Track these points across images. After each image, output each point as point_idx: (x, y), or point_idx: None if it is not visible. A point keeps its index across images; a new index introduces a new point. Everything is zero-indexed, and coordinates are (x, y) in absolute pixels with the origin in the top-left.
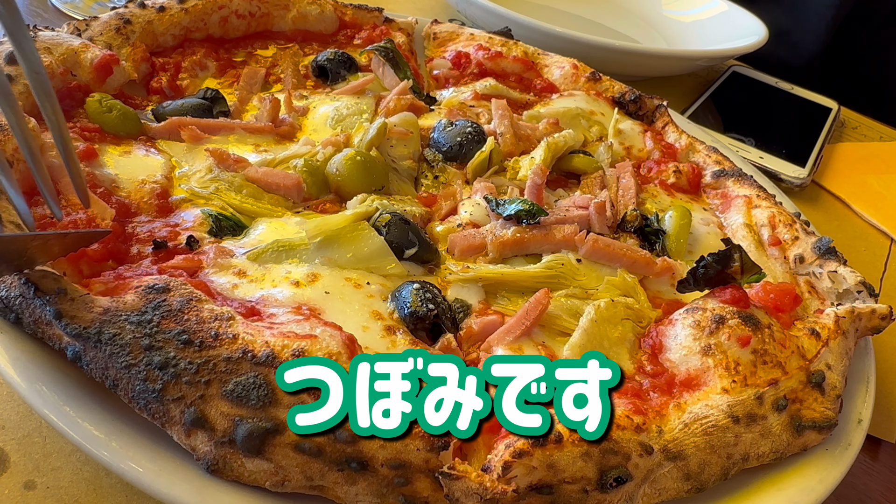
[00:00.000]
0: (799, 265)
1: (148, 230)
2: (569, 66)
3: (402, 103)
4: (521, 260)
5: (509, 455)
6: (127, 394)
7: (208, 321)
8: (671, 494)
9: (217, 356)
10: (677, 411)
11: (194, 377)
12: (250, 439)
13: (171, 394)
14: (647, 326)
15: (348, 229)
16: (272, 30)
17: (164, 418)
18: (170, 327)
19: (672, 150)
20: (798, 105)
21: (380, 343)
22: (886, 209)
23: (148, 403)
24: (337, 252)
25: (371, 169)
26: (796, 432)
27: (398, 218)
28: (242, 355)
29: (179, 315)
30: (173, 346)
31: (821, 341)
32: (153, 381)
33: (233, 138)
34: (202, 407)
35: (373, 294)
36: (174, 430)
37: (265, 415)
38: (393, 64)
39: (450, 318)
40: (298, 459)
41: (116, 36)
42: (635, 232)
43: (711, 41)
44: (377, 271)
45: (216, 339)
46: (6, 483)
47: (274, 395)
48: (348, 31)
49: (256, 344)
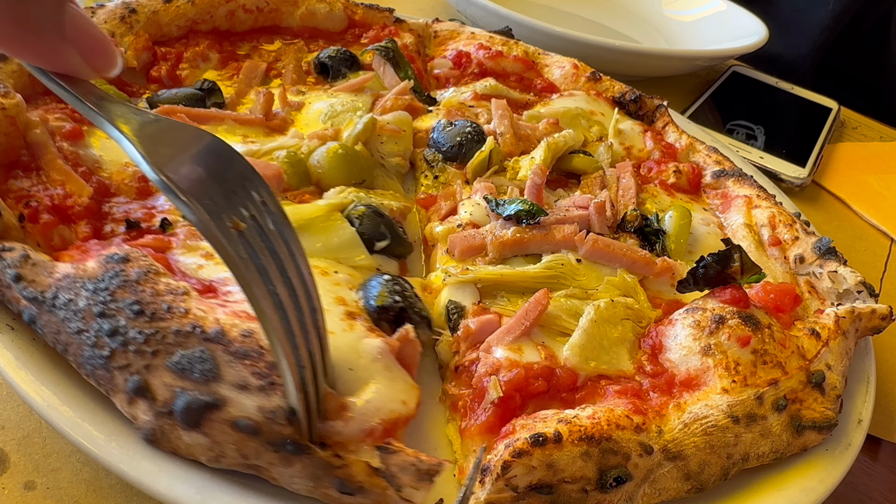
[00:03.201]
0: (799, 265)
1: (124, 210)
2: (569, 66)
3: (399, 103)
4: (520, 260)
5: (509, 455)
6: (76, 359)
7: (163, 294)
8: (671, 494)
9: (167, 328)
10: (677, 411)
11: (142, 346)
12: (188, 411)
13: (117, 361)
14: (647, 326)
15: (321, 219)
16: (280, 25)
17: (108, 385)
18: (124, 297)
19: (672, 150)
20: (798, 105)
21: (337, 325)
22: (886, 209)
23: (94, 369)
24: (307, 241)
25: (352, 162)
26: (796, 432)
27: (372, 210)
28: (192, 329)
29: (135, 285)
30: (125, 315)
31: (821, 341)
32: (101, 347)
33: (222, 129)
34: (146, 376)
35: (339, 283)
36: (118, 397)
37: (207, 389)
38: (393, 64)
39: (417, 314)
40: (235, 437)
41: (120, 24)
42: (635, 232)
43: (711, 41)
44: (346, 262)
45: (168, 311)
46: (6, 483)
47: (218, 371)
48: (357, 30)
49: (207, 320)
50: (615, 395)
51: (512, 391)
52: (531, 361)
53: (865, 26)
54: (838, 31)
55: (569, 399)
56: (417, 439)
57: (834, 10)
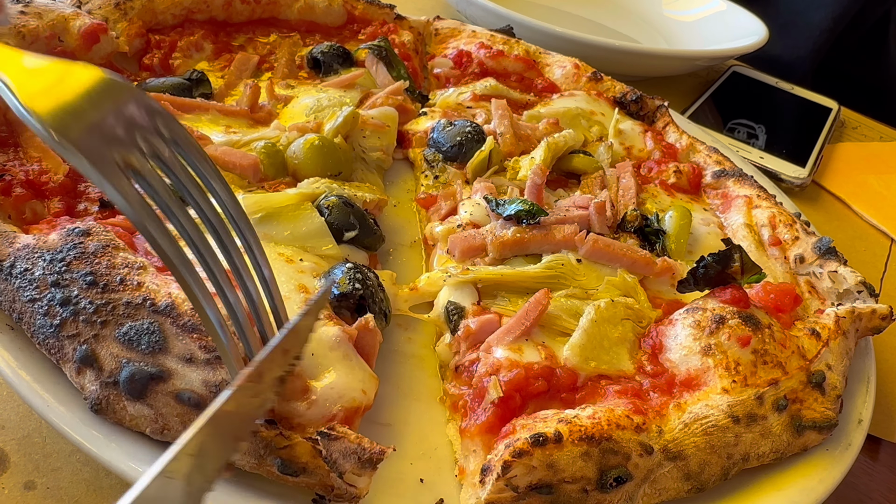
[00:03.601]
0: (799, 265)
1: (99, 191)
2: (570, 66)
3: (390, 102)
4: (520, 260)
5: (509, 455)
6: (29, 328)
7: (118, 267)
8: (671, 494)
9: (118, 300)
10: (677, 411)
11: (91, 316)
12: (132, 381)
13: (67, 330)
14: (647, 326)
15: (291, 208)
16: (277, 18)
17: (58, 354)
18: (79, 268)
19: (672, 150)
20: (798, 105)
21: (296, 312)
22: (886, 209)
23: (46, 338)
24: (275, 229)
25: (329, 154)
26: (796, 432)
27: (343, 201)
28: (142, 302)
29: (92, 258)
30: (78, 286)
31: (821, 341)
32: (52, 316)
33: (206, 118)
34: (94, 346)
35: (304, 270)
36: (67, 367)
37: (153, 360)
38: (386, 63)
39: (377, 303)
40: (179, 409)
41: (115, 10)
42: (635, 232)
43: (711, 41)
44: (313, 251)
45: (121, 283)
46: (6, 483)
47: (165, 344)
48: (355, 26)
49: (160, 294)
50: (615, 395)
51: (512, 391)
52: (531, 361)
53: (865, 27)
54: (838, 31)
55: (569, 399)
56: (417, 439)
57: (834, 10)
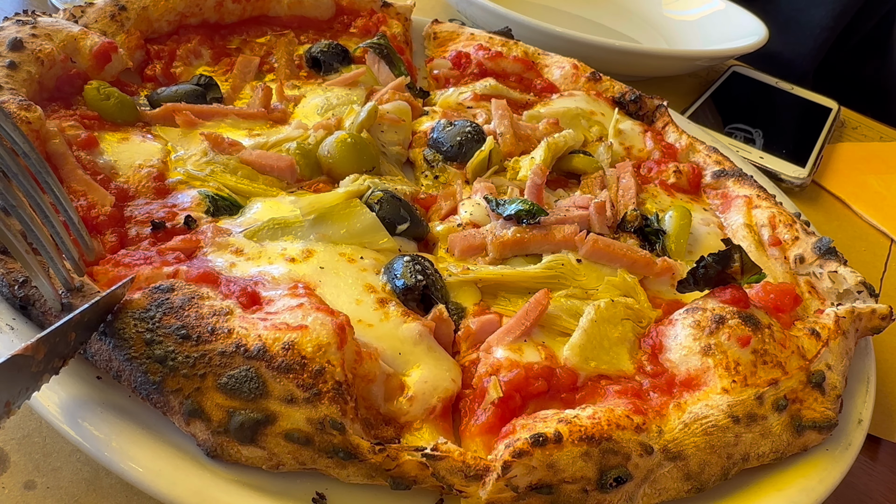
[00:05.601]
0: (799, 265)
1: (146, 212)
2: (569, 66)
3: (396, 98)
4: (521, 260)
5: (509, 455)
6: (130, 384)
7: (207, 317)
8: (671, 494)
9: (212, 350)
10: (677, 411)
11: (191, 370)
12: (242, 430)
13: (170, 386)
14: (647, 326)
15: (341, 206)
16: (268, 15)
17: (165, 408)
18: (170, 322)
19: (672, 150)
20: (798, 105)
21: (373, 315)
22: (886, 209)
23: (150, 394)
24: (331, 228)
25: (362, 151)
26: (796, 432)
27: (390, 195)
28: (236, 349)
29: (180, 311)
30: (172, 341)
31: (821, 341)
32: (153, 373)
33: (226, 123)
34: (198, 398)
35: (366, 268)
36: (175, 418)
37: (256, 406)
38: (388, 61)
39: (438, 289)
40: (289, 447)
41: (111, 23)
42: (635, 232)
43: (711, 41)
44: (370, 246)
45: (212, 333)
46: (6, 483)
47: (265, 388)
48: (345, 18)
49: (250, 338)
50: (615, 395)
51: (512, 391)
52: (531, 361)
53: (866, 26)
54: (839, 30)
55: (569, 399)
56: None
57: (834, 9)
